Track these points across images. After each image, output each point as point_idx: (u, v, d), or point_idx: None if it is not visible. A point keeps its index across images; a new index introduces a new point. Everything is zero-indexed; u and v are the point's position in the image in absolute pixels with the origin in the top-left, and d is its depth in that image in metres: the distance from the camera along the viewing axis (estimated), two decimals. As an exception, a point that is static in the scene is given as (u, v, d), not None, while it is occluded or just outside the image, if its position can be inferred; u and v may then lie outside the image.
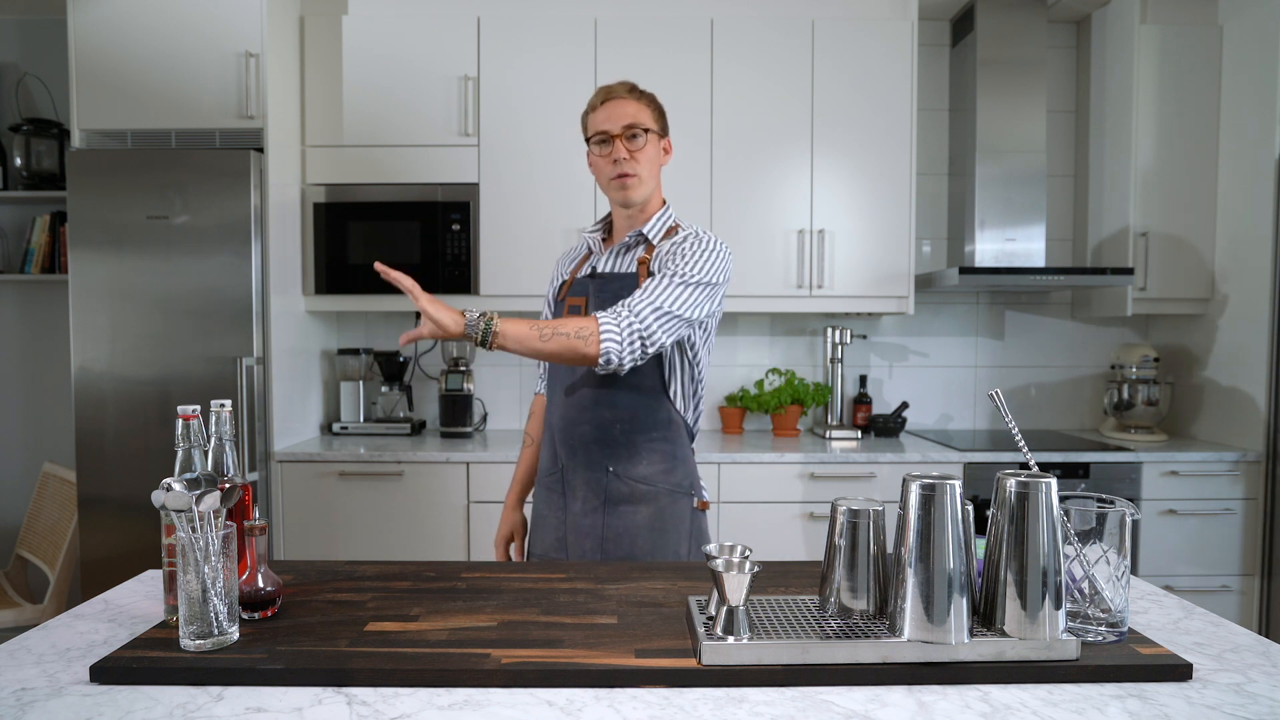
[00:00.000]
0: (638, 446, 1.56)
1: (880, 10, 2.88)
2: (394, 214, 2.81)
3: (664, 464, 1.58)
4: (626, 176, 1.54)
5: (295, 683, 0.91)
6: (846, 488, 2.64)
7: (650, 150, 1.56)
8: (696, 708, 0.86)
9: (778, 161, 2.85)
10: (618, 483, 1.56)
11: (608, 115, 1.54)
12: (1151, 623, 1.12)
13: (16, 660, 0.97)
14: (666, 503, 1.57)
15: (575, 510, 1.58)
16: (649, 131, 1.56)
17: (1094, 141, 3.14)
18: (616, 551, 1.55)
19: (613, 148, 1.53)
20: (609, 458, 1.56)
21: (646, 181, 1.56)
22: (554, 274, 1.76)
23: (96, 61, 2.58)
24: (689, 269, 1.48)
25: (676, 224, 1.62)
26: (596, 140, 1.56)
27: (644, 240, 1.59)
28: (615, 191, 1.56)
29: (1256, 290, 2.74)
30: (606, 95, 1.56)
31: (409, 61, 2.81)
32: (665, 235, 1.59)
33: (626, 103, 1.55)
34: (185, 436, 1.06)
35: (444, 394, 2.98)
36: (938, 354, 3.29)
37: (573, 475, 1.58)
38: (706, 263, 1.49)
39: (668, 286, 1.45)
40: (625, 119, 1.53)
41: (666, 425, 1.58)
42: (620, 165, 1.53)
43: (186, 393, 2.51)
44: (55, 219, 3.05)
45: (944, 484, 0.94)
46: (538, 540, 1.66)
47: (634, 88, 1.58)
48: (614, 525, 1.55)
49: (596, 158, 1.57)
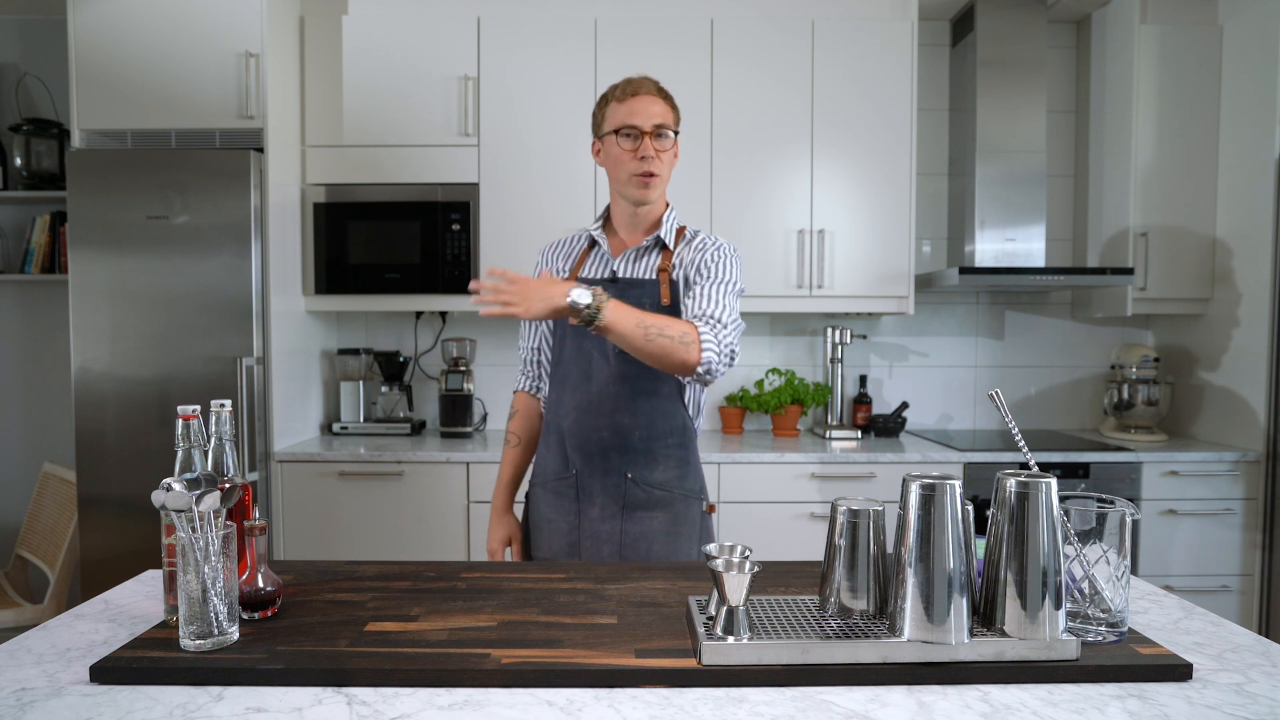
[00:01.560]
0: (655, 453, 1.57)
1: (880, 10, 2.88)
2: (394, 214, 2.81)
3: (678, 469, 1.59)
4: (651, 176, 1.53)
5: (295, 683, 0.91)
6: (846, 488, 2.64)
7: (671, 152, 1.57)
8: (696, 708, 0.86)
9: (778, 161, 2.85)
10: (636, 489, 1.56)
11: (636, 110, 1.53)
12: (1151, 623, 1.12)
13: (16, 660, 0.97)
14: (681, 508, 1.59)
15: (592, 516, 1.57)
16: (675, 134, 1.56)
17: (1094, 141, 3.14)
18: (634, 557, 1.55)
19: (642, 144, 1.52)
20: (628, 464, 1.56)
21: (665, 182, 1.57)
22: (541, 265, 1.71)
23: (96, 61, 2.58)
24: (730, 277, 1.53)
25: (683, 225, 1.63)
26: (624, 133, 1.53)
27: (660, 245, 1.60)
28: (635, 189, 1.55)
29: (1256, 290, 2.74)
30: (636, 89, 1.54)
31: (409, 61, 2.81)
32: (676, 238, 1.61)
33: (655, 100, 1.54)
34: (185, 436, 1.06)
35: (444, 394, 2.98)
36: (938, 354, 3.29)
37: (589, 481, 1.57)
38: (737, 270, 1.56)
39: (727, 295, 1.51)
40: (656, 117, 1.53)
41: (681, 431, 1.60)
42: (648, 163, 1.52)
43: (186, 393, 2.51)
44: (55, 219, 3.05)
45: (944, 484, 0.94)
46: (543, 544, 1.63)
47: (660, 86, 1.57)
48: (631, 531, 1.56)
49: (620, 150, 1.54)
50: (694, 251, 1.57)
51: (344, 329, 3.22)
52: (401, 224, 2.81)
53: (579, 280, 1.61)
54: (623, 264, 1.60)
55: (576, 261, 1.66)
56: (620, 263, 1.60)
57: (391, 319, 3.22)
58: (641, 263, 1.60)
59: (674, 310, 1.55)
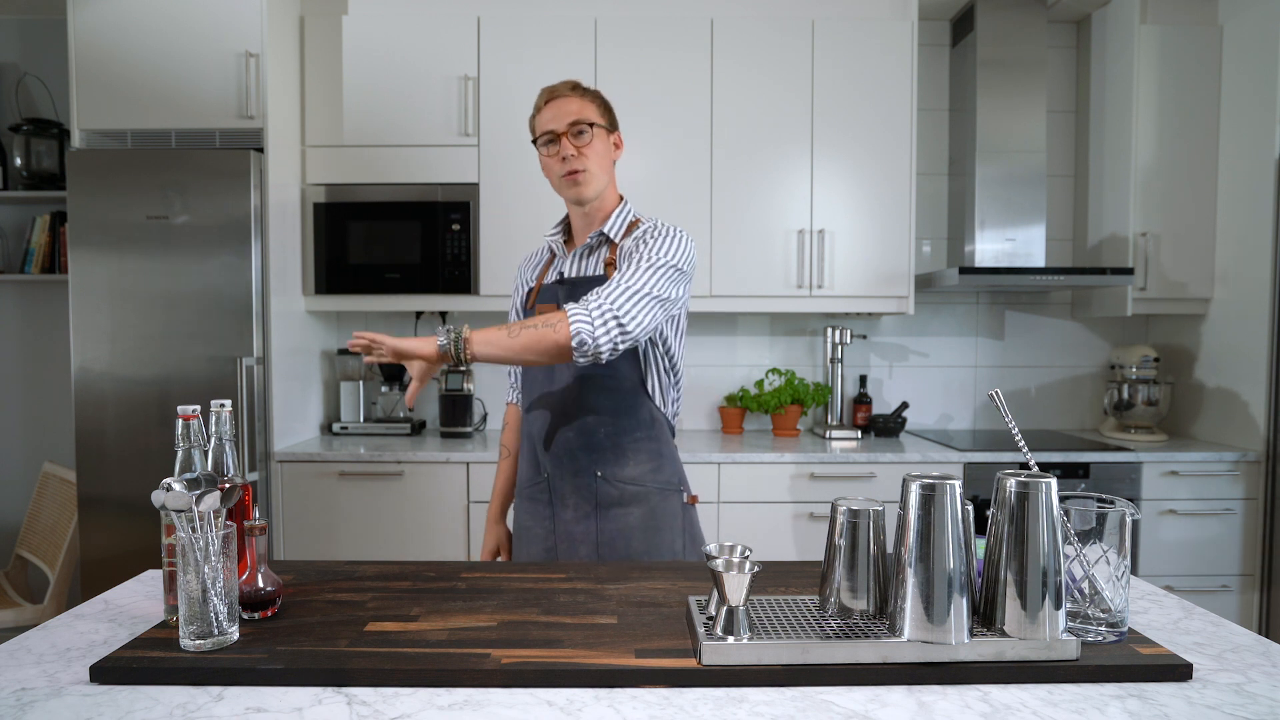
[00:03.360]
0: (623, 448, 1.55)
1: (880, 10, 2.88)
2: (394, 214, 2.81)
3: (651, 463, 1.57)
4: (576, 173, 1.52)
5: (295, 683, 0.91)
6: (846, 488, 2.64)
7: (599, 145, 1.54)
8: (696, 708, 0.86)
9: (778, 161, 2.85)
10: (607, 486, 1.55)
11: (552, 114, 1.53)
12: (1151, 623, 1.12)
13: (16, 660, 0.97)
14: (658, 501, 1.57)
15: (566, 518, 1.56)
16: (595, 126, 1.53)
17: (1094, 141, 3.14)
18: (611, 555, 1.54)
19: (560, 146, 1.52)
20: (596, 462, 1.55)
21: (597, 176, 1.54)
22: (518, 281, 1.74)
23: (96, 61, 2.58)
24: (654, 255, 1.45)
25: (637, 219, 1.60)
26: (544, 141, 1.54)
27: (606, 240, 1.58)
28: (567, 189, 1.55)
29: (1256, 290, 2.74)
30: (550, 95, 1.54)
31: (409, 61, 2.81)
32: (626, 232, 1.57)
33: (570, 100, 1.53)
34: (185, 436, 1.06)
35: (444, 394, 2.98)
36: (938, 354, 3.29)
37: (560, 483, 1.57)
38: (670, 248, 1.47)
39: (635, 271, 1.42)
40: (569, 116, 1.52)
41: (649, 424, 1.57)
42: (569, 162, 1.51)
43: (186, 393, 2.51)
44: (55, 219, 3.05)
45: (944, 484, 0.94)
46: (523, 553, 1.64)
47: (577, 85, 1.56)
48: (607, 529, 1.54)
49: (546, 158, 1.55)
50: (633, 240, 1.52)
51: (344, 329, 3.22)
52: (401, 224, 2.81)
53: (542, 288, 1.62)
54: (570, 263, 1.60)
55: (540, 271, 1.67)
56: (567, 263, 1.60)
57: (391, 319, 3.22)
58: (589, 260, 1.59)
59: None
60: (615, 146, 1.60)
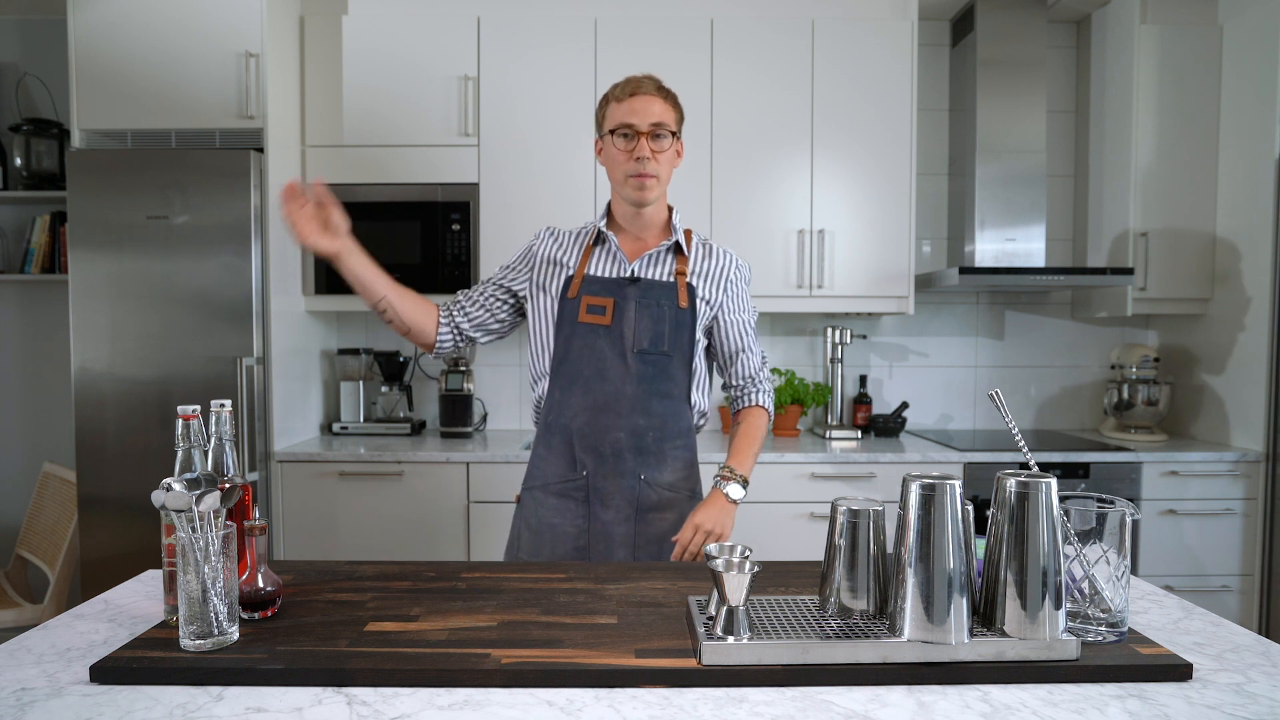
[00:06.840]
0: (665, 453, 1.58)
1: (880, 10, 2.88)
2: (394, 214, 2.81)
3: (685, 470, 1.62)
4: (647, 177, 1.52)
5: (295, 683, 0.91)
6: (846, 488, 2.64)
7: (670, 152, 1.55)
8: (696, 708, 0.86)
9: (778, 161, 2.85)
10: (649, 490, 1.57)
11: (635, 109, 1.51)
12: (1151, 623, 1.12)
13: (16, 660, 0.97)
14: (686, 508, 1.60)
15: (606, 519, 1.55)
16: (673, 134, 1.54)
17: (1094, 141, 3.14)
18: (646, 558, 1.56)
19: (637, 144, 1.51)
20: (641, 465, 1.56)
21: (664, 183, 1.56)
22: (534, 252, 1.66)
23: (96, 61, 2.58)
24: (750, 313, 1.69)
25: (687, 229, 1.65)
26: (620, 133, 1.52)
27: (676, 248, 1.61)
28: (631, 190, 1.54)
29: (1256, 290, 2.74)
30: (634, 89, 1.52)
31: (409, 61, 2.81)
32: (686, 242, 1.62)
33: (654, 100, 1.52)
34: (185, 436, 1.06)
35: (444, 394, 2.98)
36: (938, 354, 3.29)
37: (601, 482, 1.55)
38: (750, 300, 1.72)
39: (755, 335, 1.70)
40: (653, 117, 1.51)
41: (687, 432, 1.62)
42: (643, 164, 1.51)
43: (186, 393, 2.51)
44: (55, 219, 3.05)
45: (944, 484, 0.94)
46: (545, 549, 1.59)
47: (661, 85, 1.55)
48: (645, 533, 1.56)
49: (616, 150, 1.53)
50: (714, 265, 1.61)
51: (344, 329, 3.22)
52: (402, 224, 2.81)
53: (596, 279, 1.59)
54: (641, 266, 1.60)
55: (584, 252, 1.63)
56: (639, 264, 1.60)
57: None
58: (659, 267, 1.60)
59: (691, 311, 1.56)
60: (678, 154, 1.59)
